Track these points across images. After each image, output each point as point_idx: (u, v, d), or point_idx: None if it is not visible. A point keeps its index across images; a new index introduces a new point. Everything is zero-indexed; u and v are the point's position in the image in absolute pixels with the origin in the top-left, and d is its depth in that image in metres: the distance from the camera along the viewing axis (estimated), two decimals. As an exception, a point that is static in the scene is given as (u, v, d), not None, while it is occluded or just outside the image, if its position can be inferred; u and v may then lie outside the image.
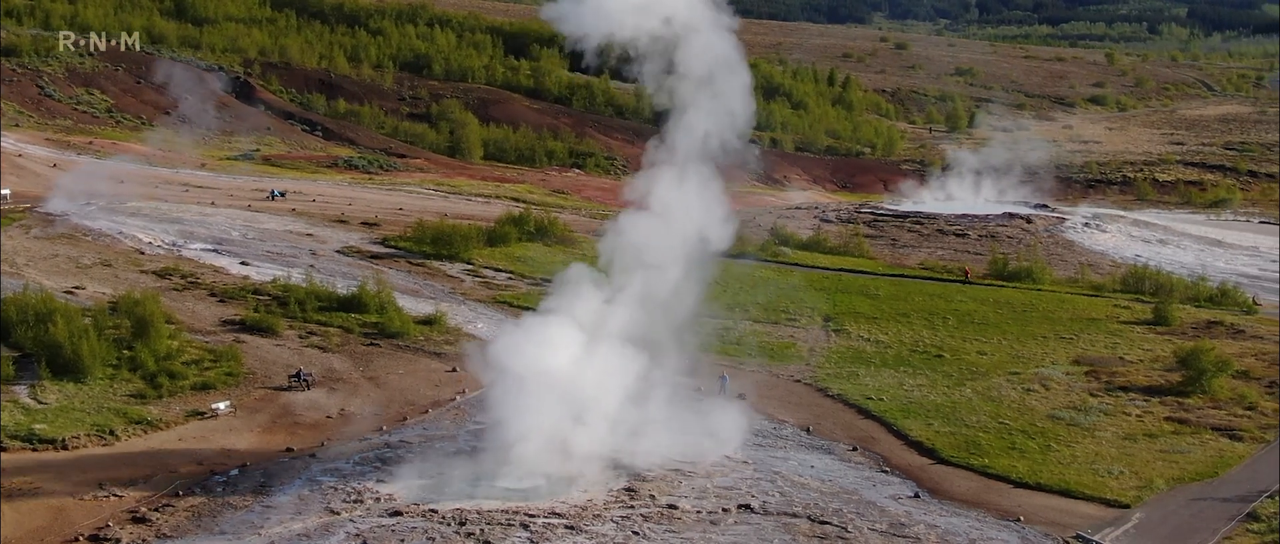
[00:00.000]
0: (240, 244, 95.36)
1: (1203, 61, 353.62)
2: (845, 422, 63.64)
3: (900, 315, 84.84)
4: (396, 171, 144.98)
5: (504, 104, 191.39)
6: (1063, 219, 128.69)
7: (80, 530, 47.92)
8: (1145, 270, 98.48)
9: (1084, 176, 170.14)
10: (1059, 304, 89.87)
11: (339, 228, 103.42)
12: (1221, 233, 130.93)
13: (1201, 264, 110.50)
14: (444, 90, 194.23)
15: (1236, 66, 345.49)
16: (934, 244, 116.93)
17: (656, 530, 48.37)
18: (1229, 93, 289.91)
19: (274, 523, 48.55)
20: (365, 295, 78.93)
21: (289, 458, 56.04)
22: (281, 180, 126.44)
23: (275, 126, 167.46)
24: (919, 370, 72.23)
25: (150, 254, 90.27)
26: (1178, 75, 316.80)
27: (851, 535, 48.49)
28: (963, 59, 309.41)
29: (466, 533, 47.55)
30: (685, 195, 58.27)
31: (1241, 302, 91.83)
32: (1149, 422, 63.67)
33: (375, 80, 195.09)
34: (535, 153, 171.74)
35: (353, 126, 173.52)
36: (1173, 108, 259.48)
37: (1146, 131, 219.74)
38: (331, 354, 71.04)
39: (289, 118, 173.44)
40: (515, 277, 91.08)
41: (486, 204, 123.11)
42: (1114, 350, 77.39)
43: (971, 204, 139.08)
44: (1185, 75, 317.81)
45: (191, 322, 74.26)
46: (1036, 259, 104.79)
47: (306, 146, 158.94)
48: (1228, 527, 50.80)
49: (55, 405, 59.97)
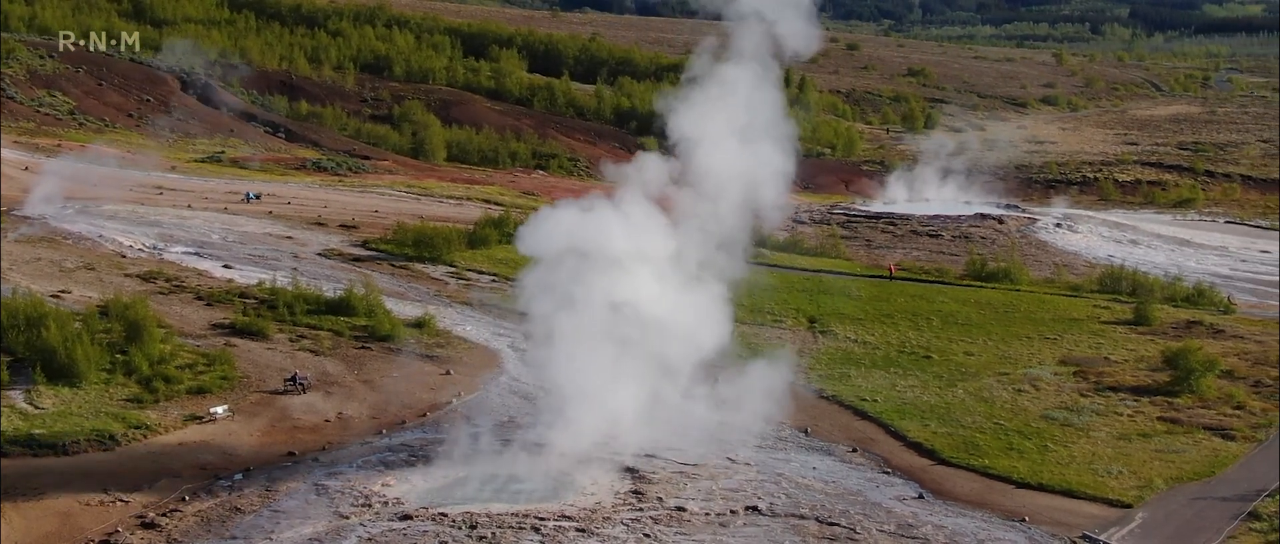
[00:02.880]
0: (221, 247, 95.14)
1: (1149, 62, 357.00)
2: (842, 423, 63.97)
3: (884, 316, 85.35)
4: (366, 173, 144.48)
5: (465, 105, 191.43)
6: (1034, 220, 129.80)
7: (90, 536, 47.76)
8: (1122, 271, 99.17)
9: (1044, 177, 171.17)
10: (1039, 304, 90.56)
11: (318, 230, 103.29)
12: (1189, 233, 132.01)
13: (1173, 264, 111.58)
14: (405, 92, 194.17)
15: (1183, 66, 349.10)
16: (908, 244, 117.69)
17: (667, 533, 48.47)
18: (1177, 93, 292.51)
19: (284, 528, 48.44)
20: (353, 298, 78.94)
21: (292, 462, 55.89)
22: (253, 183, 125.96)
23: (238, 128, 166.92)
24: (909, 371, 72.69)
25: (132, 257, 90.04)
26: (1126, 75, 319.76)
27: (861, 537, 48.74)
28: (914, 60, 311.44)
29: (478, 536, 47.54)
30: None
31: (1218, 301, 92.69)
32: (1141, 421, 64.22)
33: (336, 82, 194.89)
34: (498, 154, 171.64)
35: (315, 128, 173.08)
36: (1123, 108, 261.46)
37: (1100, 132, 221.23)
38: (324, 357, 70.98)
39: (251, 119, 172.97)
40: (499, 279, 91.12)
41: (459, 206, 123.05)
42: (1099, 350, 78.06)
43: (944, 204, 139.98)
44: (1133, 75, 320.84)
45: (181, 325, 74.06)
46: (1013, 260, 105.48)
47: (271, 148, 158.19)
48: (1230, 526, 51.28)
49: (52, 410, 59.68)
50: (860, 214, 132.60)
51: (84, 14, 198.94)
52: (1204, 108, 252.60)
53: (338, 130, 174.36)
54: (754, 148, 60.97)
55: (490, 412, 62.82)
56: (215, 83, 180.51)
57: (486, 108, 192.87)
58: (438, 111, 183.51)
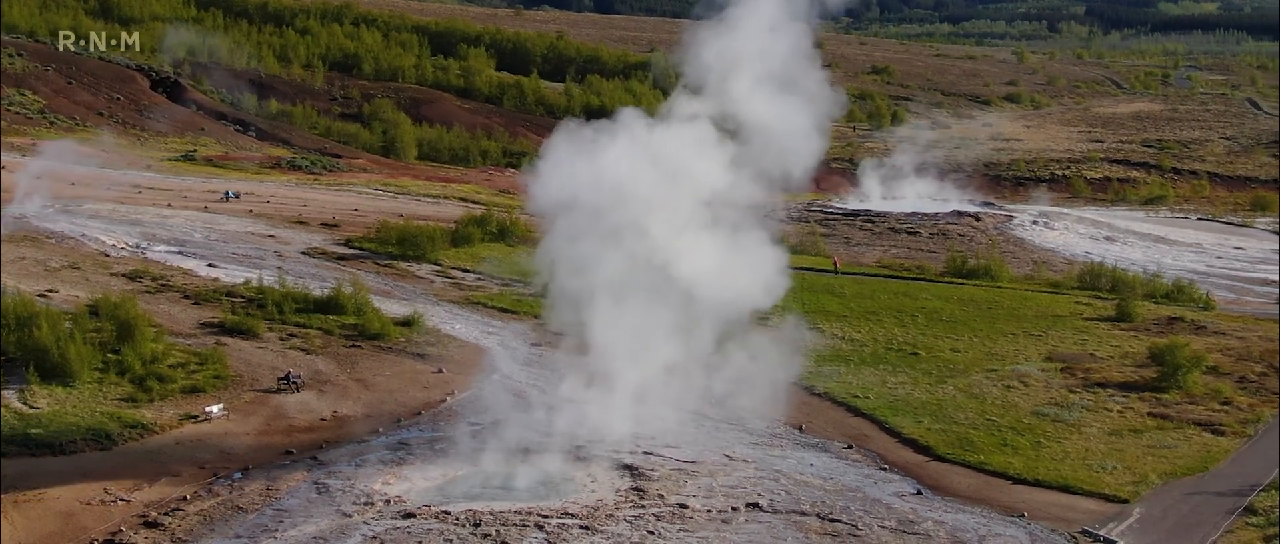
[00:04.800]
0: (204, 246, 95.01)
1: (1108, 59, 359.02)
2: (835, 420, 64.22)
3: (869, 314, 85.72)
4: (342, 172, 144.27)
5: (436, 103, 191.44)
6: (1010, 217, 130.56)
7: (94, 536, 47.59)
8: (1102, 267, 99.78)
9: (1013, 174, 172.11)
10: (1022, 301, 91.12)
11: (299, 229, 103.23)
12: (1164, 230, 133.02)
13: (1151, 261, 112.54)
14: (375, 90, 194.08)
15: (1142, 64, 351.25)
16: (887, 242, 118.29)
17: (671, 530, 48.61)
18: (1139, 90, 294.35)
19: (288, 527, 48.40)
20: (342, 297, 78.87)
21: (290, 461, 55.82)
22: (231, 181, 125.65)
23: (209, 127, 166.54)
24: (898, 368, 73.05)
25: (116, 257, 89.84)
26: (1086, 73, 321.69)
27: (863, 533, 48.96)
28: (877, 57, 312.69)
29: (483, 534, 47.58)
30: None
31: (1197, 298, 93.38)
32: (1131, 417, 64.71)
33: (306, 80, 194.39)
34: (470, 153, 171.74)
35: (286, 127, 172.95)
36: (1086, 105, 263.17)
37: (1064, 129, 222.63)
38: (315, 356, 70.92)
39: (221, 118, 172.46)
40: (484, 277, 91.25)
41: (437, 204, 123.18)
42: (1084, 347, 78.57)
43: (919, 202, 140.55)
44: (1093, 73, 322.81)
45: (170, 324, 73.89)
46: (994, 256, 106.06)
47: (242, 147, 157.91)
48: (1228, 521, 51.75)
49: (47, 410, 59.50)
50: (837, 212, 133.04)
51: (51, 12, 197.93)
52: (1166, 105, 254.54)
53: (308, 129, 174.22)
54: (783, 96, 60.77)
55: (485, 410, 62.76)
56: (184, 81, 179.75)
57: (456, 106, 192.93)
58: (408, 110, 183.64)
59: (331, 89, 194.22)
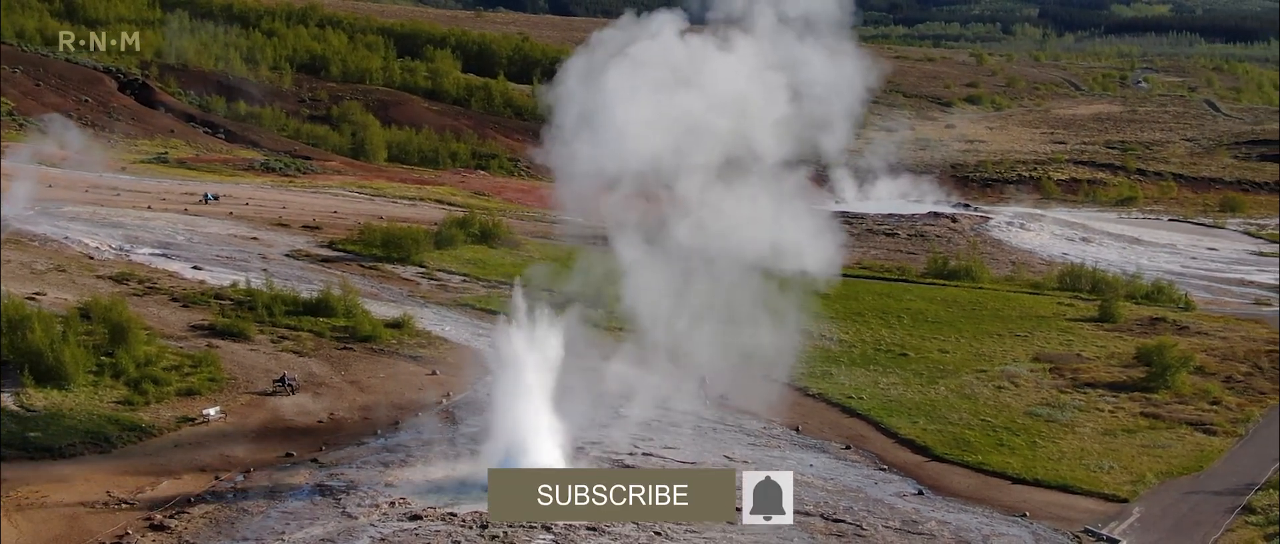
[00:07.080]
0: (187, 248, 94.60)
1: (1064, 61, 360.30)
2: (831, 420, 64.53)
3: (855, 314, 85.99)
4: (316, 174, 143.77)
5: (403, 105, 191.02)
6: (987, 218, 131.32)
7: (100, 539, 47.32)
8: (1082, 268, 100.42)
9: (980, 175, 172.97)
10: (1005, 302, 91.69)
11: (282, 231, 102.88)
12: (1137, 231, 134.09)
13: (1128, 262, 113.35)
14: (343, 92, 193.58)
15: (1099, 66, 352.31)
16: (866, 243, 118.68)
17: (677, 530, 48.56)
18: (1097, 92, 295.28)
19: (294, 529, 48.25)
20: (331, 299, 78.68)
21: (291, 463, 55.72)
22: (207, 184, 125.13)
23: (178, 129, 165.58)
24: (889, 369, 73.41)
25: (101, 259, 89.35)
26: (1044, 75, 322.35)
27: (867, 533, 49.24)
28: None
29: (490, 535, 47.49)
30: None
31: (1177, 298, 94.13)
32: (1124, 417, 65.35)
33: (274, 82, 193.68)
34: (439, 155, 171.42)
35: (255, 129, 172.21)
36: (1046, 107, 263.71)
37: (1027, 131, 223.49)
38: (308, 358, 70.74)
39: (190, 120, 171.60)
40: (470, 279, 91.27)
41: (413, 206, 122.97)
42: (1070, 347, 79.19)
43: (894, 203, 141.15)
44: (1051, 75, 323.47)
45: (160, 327, 73.49)
46: (974, 258, 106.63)
47: (212, 149, 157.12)
48: (1227, 519, 52.41)
49: (44, 413, 59.15)
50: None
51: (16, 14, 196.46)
52: (1125, 107, 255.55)
53: (277, 131, 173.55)
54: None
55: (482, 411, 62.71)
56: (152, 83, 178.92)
57: (424, 108, 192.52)
58: (376, 112, 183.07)
59: (299, 91, 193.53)
